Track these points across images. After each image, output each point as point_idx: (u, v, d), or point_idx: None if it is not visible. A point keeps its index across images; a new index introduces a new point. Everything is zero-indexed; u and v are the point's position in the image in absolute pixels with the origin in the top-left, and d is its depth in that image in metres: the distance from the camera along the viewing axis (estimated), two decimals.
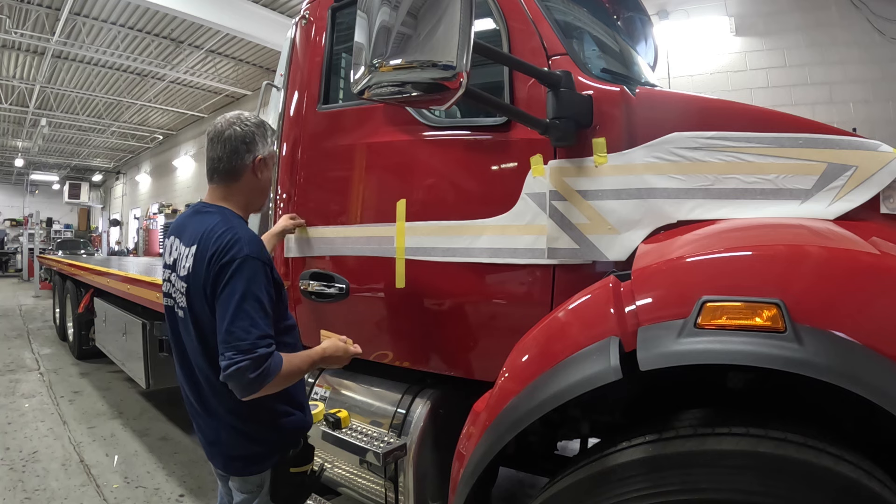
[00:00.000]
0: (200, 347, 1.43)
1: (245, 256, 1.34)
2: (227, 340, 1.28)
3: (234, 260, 1.33)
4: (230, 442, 1.46)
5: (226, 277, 1.33)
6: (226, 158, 1.47)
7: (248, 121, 1.50)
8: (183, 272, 1.44)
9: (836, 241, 1.16)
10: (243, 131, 1.47)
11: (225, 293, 1.32)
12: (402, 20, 1.17)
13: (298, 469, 1.52)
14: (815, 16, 5.89)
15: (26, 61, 11.95)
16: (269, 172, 1.56)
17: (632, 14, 2.48)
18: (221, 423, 1.46)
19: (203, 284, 1.37)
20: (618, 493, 1.01)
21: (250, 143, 1.48)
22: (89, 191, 23.94)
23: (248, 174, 1.50)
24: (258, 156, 1.49)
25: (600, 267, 1.47)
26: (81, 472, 3.42)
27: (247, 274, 1.33)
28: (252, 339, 1.28)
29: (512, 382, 1.26)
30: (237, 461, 1.48)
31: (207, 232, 1.40)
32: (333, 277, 2.04)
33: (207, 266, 1.36)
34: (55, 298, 7.99)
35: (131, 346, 4.25)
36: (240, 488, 1.50)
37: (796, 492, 0.89)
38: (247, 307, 1.30)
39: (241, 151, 1.47)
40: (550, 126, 1.46)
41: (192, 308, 1.43)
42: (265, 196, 1.62)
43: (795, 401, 1.16)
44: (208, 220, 1.44)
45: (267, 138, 1.52)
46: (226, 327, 1.29)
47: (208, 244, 1.38)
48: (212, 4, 8.31)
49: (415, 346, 1.92)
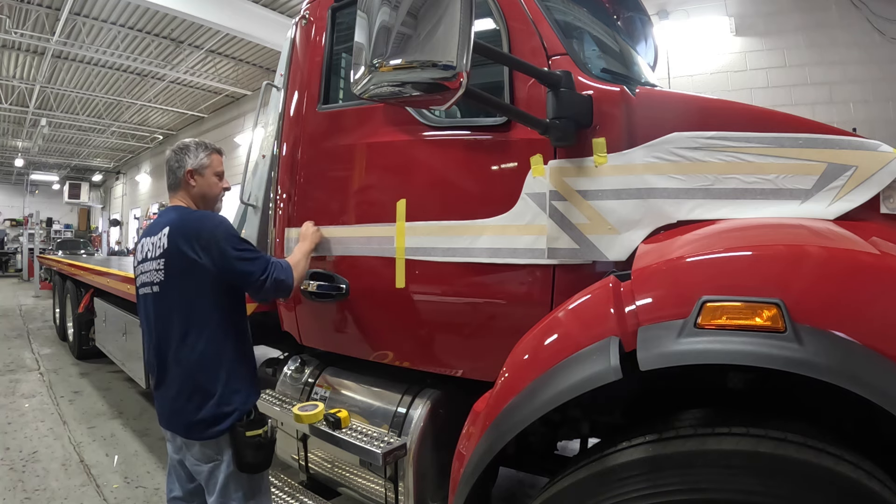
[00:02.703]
0: (181, 314, 1.70)
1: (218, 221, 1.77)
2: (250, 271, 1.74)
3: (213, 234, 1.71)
4: (192, 408, 1.68)
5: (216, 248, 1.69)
6: (169, 174, 1.92)
7: (180, 147, 1.91)
8: (158, 252, 1.74)
9: (836, 241, 1.16)
10: (175, 155, 1.90)
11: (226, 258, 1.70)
12: (402, 20, 1.17)
13: (254, 432, 1.69)
14: (814, 16, 5.89)
15: (26, 61, 11.95)
16: (205, 179, 1.91)
17: (632, 14, 2.48)
18: (183, 390, 1.70)
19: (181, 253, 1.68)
20: (618, 493, 1.01)
21: (180, 160, 1.88)
22: (89, 191, 23.94)
23: (184, 184, 1.88)
24: (186, 168, 1.87)
25: (600, 267, 1.47)
26: (81, 472, 3.42)
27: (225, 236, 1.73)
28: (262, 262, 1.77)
29: (512, 382, 1.26)
30: (196, 426, 1.68)
31: (175, 218, 1.77)
32: (333, 277, 2.04)
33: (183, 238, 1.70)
34: (55, 298, 7.99)
35: (131, 346, 4.25)
36: (200, 458, 1.71)
37: (796, 492, 0.89)
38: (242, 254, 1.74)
39: (173, 169, 1.89)
40: (550, 126, 1.46)
41: (169, 280, 1.72)
42: (208, 198, 1.94)
43: (795, 401, 1.16)
44: (172, 212, 1.83)
45: (198, 154, 1.89)
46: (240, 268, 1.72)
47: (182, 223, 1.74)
48: (212, 4, 8.31)
49: (415, 346, 1.92)
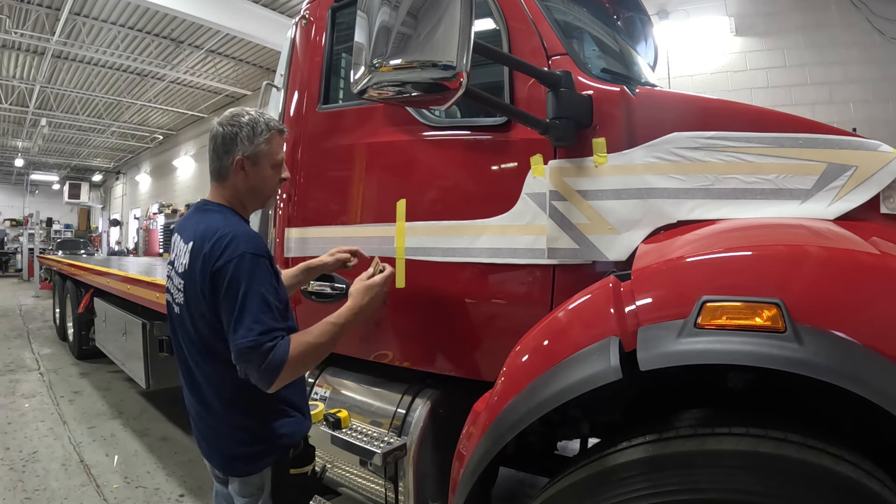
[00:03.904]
0: (198, 344, 1.43)
1: (241, 254, 1.33)
2: (234, 340, 1.30)
3: (231, 260, 1.33)
4: (229, 440, 1.46)
5: (226, 279, 1.32)
6: (215, 158, 1.47)
7: (235, 120, 1.45)
8: (181, 269, 1.45)
9: (836, 241, 1.16)
10: (224, 132, 1.44)
11: (228, 296, 1.32)
12: (402, 20, 1.17)
13: (299, 470, 1.51)
14: (815, 16, 5.89)
15: (26, 61, 11.95)
16: (263, 171, 1.49)
17: (632, 14, 2.48)
18: (219, 420, 1.46)
19: (200, 286, 1.37)
20: (618, 493, 1.01)
21: (229, 145, 1.44)
22: (89, 191, 23.96)
23: (233, 174, 1.47)
24: (237, 157, 1.44)
25: (600, 267, 1.47)
26: (81, 472, 3.42)
27: (246, 271, 1.33)
28: (253, 337, 1.28)
29: (512, 382, 1.25)
30: (236, 461, 1.46)
31: (204, 230, 1.40)
32: (333, 277, 2.03)
33: (202, 265, 1.36)
34: (55, 298, 7.99)
35: (131, 346, 4.25)
36: (240, 492, 1.48)
37: (796, 492, 0.89)
38: (249, 304, 1.30)
39: (219, 152, 1.45)
40: (550, 126, 1.46)
41: (188, 304, 1.43)
42: (260, 195, 1.54)
43: (795, 401, 1.16)
44: (207, 218, 1.44)
45: (255, 137, 1.44)
46: (232, 329, 1.30)
47: (204, 242, 1.37)
48: (212, 4, 8.31)
49: (415, 346, 1.92)
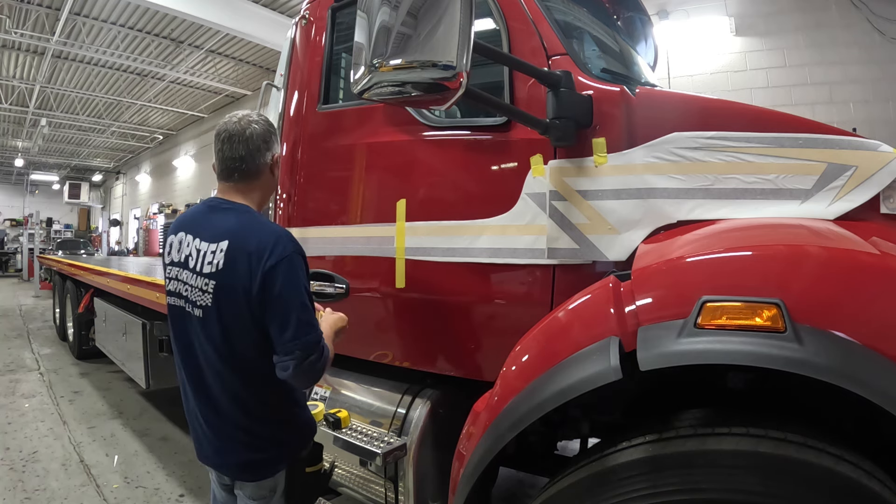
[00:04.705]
0: (224, 349, 1.38)
1: (292, 253, 1.36)
2: (297, 337, 1.31)
3: (283, 258, 1.34)
4: (245, 448, 1.43)
5: (279, 277, 1.33)
6: (249, 157, 1.45)
7: (262, 120, 1.50)
8: (208, 269, 1.38)
9: (836, 241, 1.16)
10: (262, 130, 1.47)
11: (284, 294, 1.33)
12: (402, 20, 1.17)
13: (314, 468, 1.55)
14: (815, 16, 5.89)
15: (26, 61, 11.95)
16: (280, 172, 1.61)
17: (632, 14, 2.48)
18: (236, 428, 1.42)
19: (245, 284, 1.33)
20: (618, 493, 1.01)
21: (269, 142, 1.49)
22: (89, 191, 23.95)
23: (266, 173, 1.51)
24: (275, 154, 1.52)
25: (600, 267, 1.47)
26: (81, 472, 3.42)
27: (298, 270, 1.37)
28: (315, 332, 1.35)
29: (512, 382, 1.26)
30: (251, 466, 1.44)
31: (242, 230, 1.38)
32: (334, 277, 2.03)
33: (250, 265, 1.33)
34: (55, 298, 7.99)
35: (131, 346, 4.25)
36: (252, 495, 1.46)
37: (796, 492, 0.89)
38: (306, 302, 1.36)
39: (262, 150, 1.47)
40: (550, 126, 1.46)
41: (219, 307, 1.37)
42: (270, 196, 1.67)
43: (795, 401, 1.16)
44: (234, 217, 1.42)
45: (279, 137, 1.56)
46: (293, 326, 1.31)
47: (247, 242, 1.35)
48: (212, 4, 8.31)
49: (415, 346, 1.92)
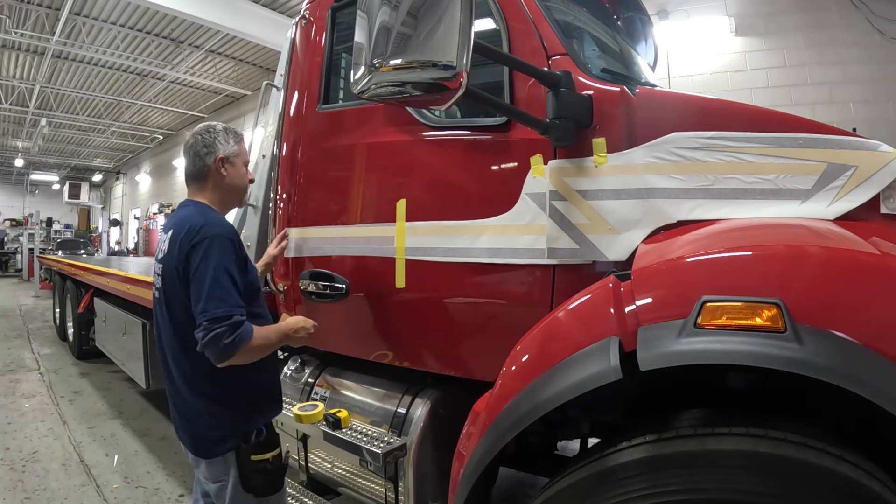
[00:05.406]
0: (171, 326, 1.58)
1: (214, 235, 1.50)
2: (206, 309, 1.42)
3: (205, 239, 1.49)
4: (198, 422, 1.57)
5: (199, 256, 1.48)
6: (194, 164, 1.67)
7: (209, 130, 1.69)
8: (160, 255, 1.62)
9: (836, 241, 1.16)
10: (203, 139, 1.67)
11: (199, 270, 1.47)
12: (402, 20, 1.17)
13: (260, 456, 1.56)
14: (815, 16, 5.89)
15: (26, 61, 11.94)
16: (236, 169, 1.71)
17: (632, 14, 2.48)
18: (189, 402, 1.58)
19: (176, 264, 1.52)
20: (618, 493, 1.01)
21: (210, 146, 1.66)
22: (89, 191, 23.94)
23: (213, 173, 1.67)
24: (219, 155, 1.66)
25: (600, 267, 1.47)
26: (81, 472, 3.42)
27: (216, 250, 1.49)
28: (226, 308, 1.43)
29: (512, 382, 1.26)
30: (203, 443, 1.57)
31: (181, 219, 1.59)
32: (333, 277, 2.04)
33: (179, 247, 1.52)
34: (55, 298, 7.99)
35: (131, 346, 4.25)
36: (209, 476, 1.59)
37: (796, 492, 0.89)
38: (221, 279, 1.46)
39: (203, 155, 1.66)
40: (550, 126, 1.46)
41: (165, 288, 1.59)
42: (237, 191, 1.75)
43: (795, 401, 1.16)
44: (185, 210, 1.64)
45: (228, 141, 1.68)
46: (203, 299, 1.43)
47: (182, 228, 1.54)
48: (212, 4, 8.31)
49: (415, 346, 1.92)
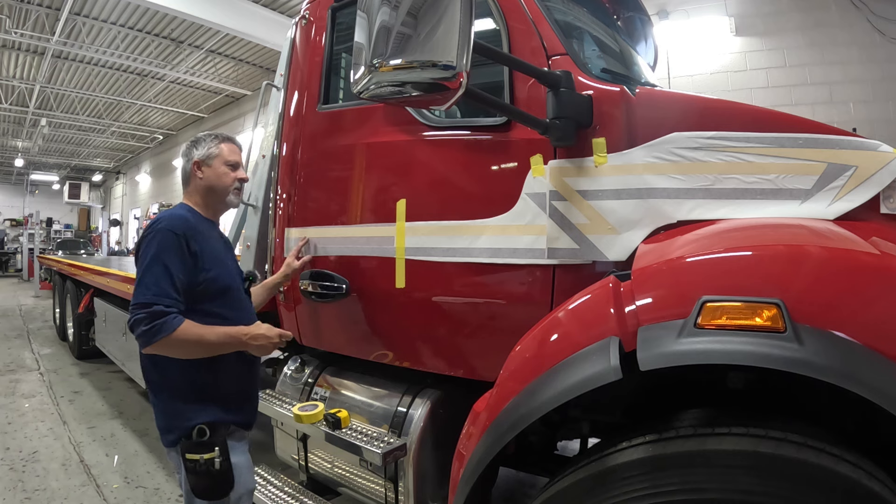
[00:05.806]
0: None
1: (160, 229, 1.59)
2: (134, 295, 1.51)
3: (150, 232, 1.60)
4: (154, 409, 1.67)
5: (143, 247, 1.59)
6: (180, 171, 1.86)
7: (193, 138, 1.83)
8: None
9: (836, 241, 1.16)
10: (186, 148, 1.82)
11: (139, 260, 1.58)
12: (402, 20, 1.17)
13: (192, 455, 1.56)
14: (815, 16, 5.89)
15: (26, 61, 11.95)
16: (213, 170, 1.79)
17: (632, 14, 2.48)
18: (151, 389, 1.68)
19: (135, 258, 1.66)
20: (618, 493, 1.01)
21: (188, 154, 1.80)
22: (89, 191, 23.92)
23: (192, 175, 1.79)
24: (194, 159, 1.78)
25: (600, 267, 1.47)
26: (81, 472, 3.42)
27: (157, 242, 1.56)
28: (150, 296, 1.48)
29: (512, 382, 1.25)
30: (159, 430, 1.66)
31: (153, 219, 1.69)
32: (333, 277, 2.04)
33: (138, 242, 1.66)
34: (55, 298, 7.98)
35: (131, 346, 4.24)
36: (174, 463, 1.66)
37: (796, 492, 0.89)
38: (154, 269, 1.52)
39: (184, 162, 1.82)
40: (550, 126, 1.46)
41: None
42: (218, 191, 1.80)
43: (795, 401, 1.16)
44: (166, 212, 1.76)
45: (207, 145, 1.79)
46: (136, 287, 1.53)
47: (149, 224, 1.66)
48: (212, 4, 8.31)
49: (415, 346, 1.92)
